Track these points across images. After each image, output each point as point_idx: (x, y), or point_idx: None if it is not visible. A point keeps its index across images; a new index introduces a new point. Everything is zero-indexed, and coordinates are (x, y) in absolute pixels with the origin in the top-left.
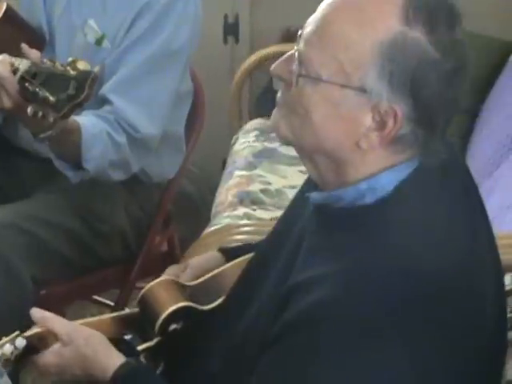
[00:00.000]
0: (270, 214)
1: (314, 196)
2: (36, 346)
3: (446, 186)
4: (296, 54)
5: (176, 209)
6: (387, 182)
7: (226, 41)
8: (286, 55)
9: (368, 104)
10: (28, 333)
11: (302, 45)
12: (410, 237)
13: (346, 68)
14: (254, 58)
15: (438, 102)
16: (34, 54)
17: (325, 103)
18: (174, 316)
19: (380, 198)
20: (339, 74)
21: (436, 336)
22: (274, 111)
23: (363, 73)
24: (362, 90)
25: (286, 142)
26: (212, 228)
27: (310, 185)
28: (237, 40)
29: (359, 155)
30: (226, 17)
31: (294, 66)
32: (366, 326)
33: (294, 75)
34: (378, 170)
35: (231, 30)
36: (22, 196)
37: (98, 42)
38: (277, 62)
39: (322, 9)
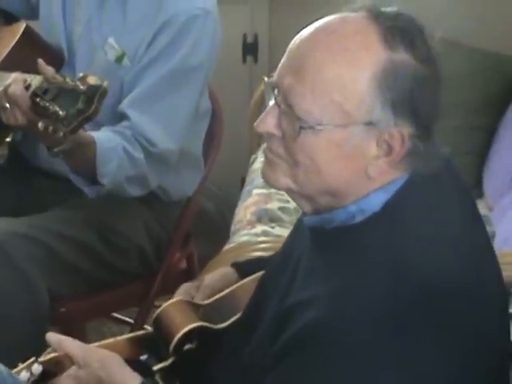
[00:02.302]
0: (288, 232)
1: (308, 219)
2: (52, 370)
3: (438, 194)
4: (283, 106)
5: (195, 226)
6: (377, 202)
7: (244, 60)
8: (268, 110)
9: (373, 135)
10: (44, 358)
11: (289, 97)
12: (397, 251)
13: (345, 107)
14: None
15: (433, 112)
16: (49, 70)
17: (329, 146)
18: (188, 336)
19: (368, 216)
20: (340, 115)
21: (427, 353)
22: (265, 167)
23: (366, 107)
24: (369, 123)
25: (287, 192)
26: (230, 245)
27: None
28: (255, 59)
29: (366, 182)
30: (244, 36)
31: (285, 120)
32: (351, 346)
33: (292, 129)
34: (370, 191)
35: (250, 49)
36: (41, 212)
37: (118, 59)
38: (260, 118)
39: (297, 56)
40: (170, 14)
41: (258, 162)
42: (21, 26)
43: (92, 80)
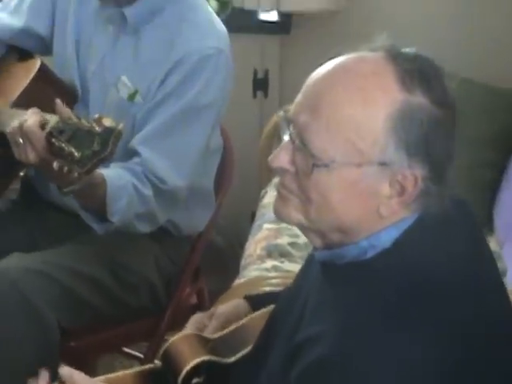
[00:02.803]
0: (298, 267)
1: (319, 254)
2: None
3: (448, 234)
4: (297, 142)
5: (205, 261)
6: (388, 238)
7: (255, 95)
8: (282, 146)
9: (387, 175)
10: None
11: (303, 134)
12: (405, 288)
13: (359, 146)
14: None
15: (447, 155)
16: (65, 110)
17: (342, 184)
18: (196, 370)
19: (379, 252)
20: (354, 154)
21: None
22: (278, 202)
23: (380, 147)
24: (383, 163)
25: (298, 227)
26: (241, 280)
27: None
28: (266, 95)
29: (378, 220)
30: (255, 72)
31: (299, 156)
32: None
33: (306, 166)
34: (381, 228)
35: (260, 84)
36: (52, 246)
37: (131, 97)
38: (274, 153)
39: (313, 94)
40: (182, 52)
41: (268, 196)
42: (36, 63)
43: (107, 122)
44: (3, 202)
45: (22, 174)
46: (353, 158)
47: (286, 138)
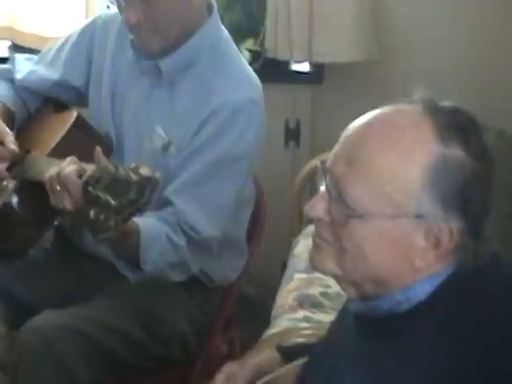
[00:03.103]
0: (330, 317)
1: (353, 305)
2: None
3: (484, 289)
4: (333, 193)
5: (236, 310)
6: (423, 291)
7: (287, 145)
8: (318, 195)
9: (421, 227)
10: None
11: (339, 184)
12: (441, 346)
13: (395, 198)
14: (314, 162)
15: (483, 208)
16: (103, 159)
17: (377, 236)
18: None
19: (414, 305)
20: (389, 206)
21: None
22: (313, 251)
23: (416, 199)
24: (418, 216)
25: (333, 277)
26: (272, 331)
27: None
28: (298, 145)
29: (413, 273)
30: (287, 122)
31: (335, 206)
32: None
33: (342, 216)
34: (416, 280)
35: (292, 134)
36: (85, 297)
37: (165, 148)
38: (311, 203)
39: (350, 145)
40: (216, 104)
41: (300, 246)
42: (72, 115)
43: (144, 170)
44: (37, 250)
45: (56, 222)
46: (388, 210)
47: (323, 188)
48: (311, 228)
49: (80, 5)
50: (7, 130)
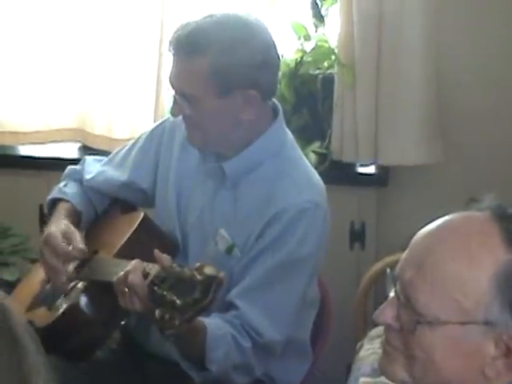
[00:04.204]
0: None
1: None
2: None
3: None
4: (402, 299)
5: None
6: None
7: (352, 247)
8: (387, 301)
9: (491, 335)
10: None
11: (408, 290)
12: None
13: (464, 305)
14: (379, 264)
15: None
16: (165, 259)
17: (446, 342)
18: None
19: None
20: (458, 312)
21: None
22: (383, 359)
23: (485, 307)
24: (488, 323)
25: None
26: None
27: None
28: (363, 247)
29: (483, 382)
30: (352, 223)
31: (403, 312)
32: None
33: (410, 322)
34: None
35: (357, 236)
36: None
37: (229, 250)
38: (380, 309)
39: (419, 251)
40: (279, 207)
41: (364, 349)
42: (139, 215)
43: (209, 270)
44: (103, 351)
45: (123, 322)
46: (457, 317)
47: (392, 294)
48: (376, 330)
49: (149, 107)
50: (75, 230)
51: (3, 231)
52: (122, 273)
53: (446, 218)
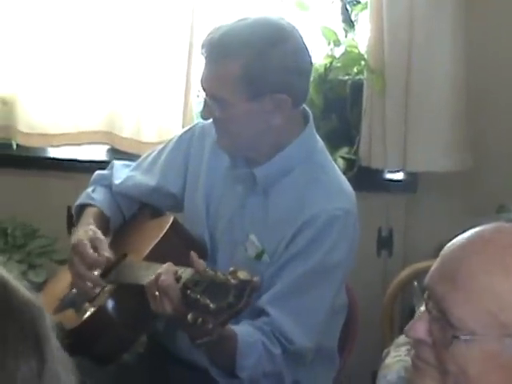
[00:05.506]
0: None
1: None
2: None
3: None
4: (435, 313)
5: None
6: None
7: (379, 253)
8: (419, 316)
9: None
10: None
11: (442, 305)
12: None
13: (500, 318)
14: (407, 271)
15: None
16: (199, 263)
17: (482, 357)
18: None
19: None
20: (495, 326)
21: None
22: (414, 374)
23: None
24: None
25: None
26: None
27: None
28: (390, 254)
29: None
30: (379, 230)
31: (437, 327)
32: None
33: (444, 337)
34: None
35: (385, 243)
36: None
37: (258, 256)
38: (411, 324)
39: (451, 264)
40: (310, 213)
41: (390, 357)
42: (168, 220)
43: (242, 275)
44: (130, 354)
45: (151, 327)
46: (494, 330)
47: (423, 308)
48: (403, 338)
49: (177, 111)
50: (101, 237)
51: (31, 233)
52: (154, 276)
53: (476, 230)
